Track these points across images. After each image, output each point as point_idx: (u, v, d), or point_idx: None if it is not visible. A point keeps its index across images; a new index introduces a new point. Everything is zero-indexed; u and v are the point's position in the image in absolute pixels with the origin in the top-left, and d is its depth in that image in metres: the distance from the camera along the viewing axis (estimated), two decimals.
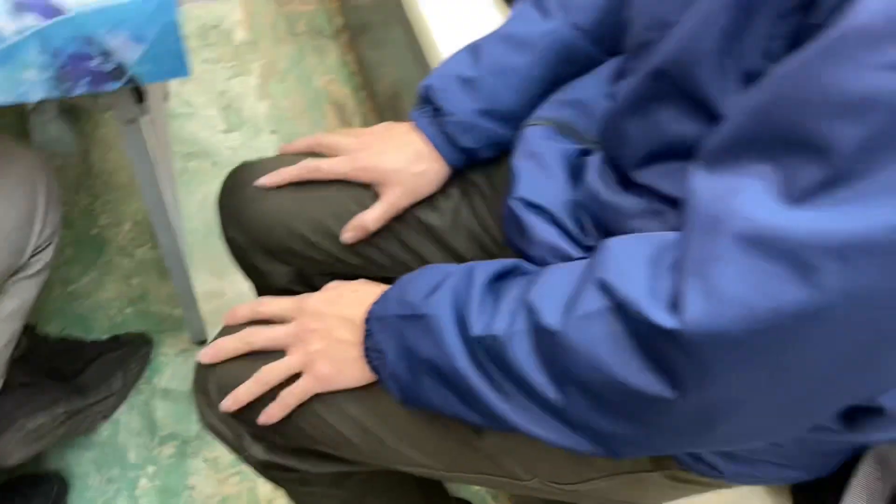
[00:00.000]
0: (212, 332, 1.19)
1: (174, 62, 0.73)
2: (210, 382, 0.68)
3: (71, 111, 1.52)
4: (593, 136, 0.66)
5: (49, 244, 0.95)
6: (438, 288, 0.57)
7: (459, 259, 0.79)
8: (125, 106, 0.82)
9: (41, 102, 1.52)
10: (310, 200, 0.78)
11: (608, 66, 0.70)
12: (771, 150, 0.41)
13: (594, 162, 0.63)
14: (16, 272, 0.91)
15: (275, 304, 0.67)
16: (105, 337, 1.24)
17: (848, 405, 0.47)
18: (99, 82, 0.72)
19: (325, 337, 0.63)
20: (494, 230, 0.76)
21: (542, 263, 0.65)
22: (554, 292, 0.50)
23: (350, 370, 0.62)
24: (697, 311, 0.41)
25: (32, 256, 0.93)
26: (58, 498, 1.10)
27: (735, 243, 0.40)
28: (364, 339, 0.61)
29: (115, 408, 1.20)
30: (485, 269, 0.57)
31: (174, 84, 1.61)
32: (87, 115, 1.54)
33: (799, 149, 0.39)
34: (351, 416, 0.65)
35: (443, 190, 0.78)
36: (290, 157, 0.80)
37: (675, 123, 0.52)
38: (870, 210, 0.36)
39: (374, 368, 0.61)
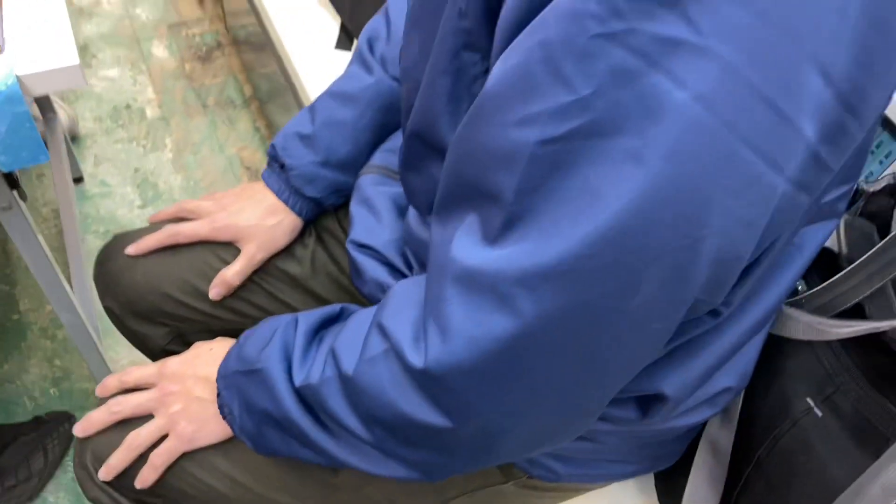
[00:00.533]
0: None
1: (31, 149, 0.78)
2: (86, 455, 0.70)
3: None
4: None
5: None
6: (270, 342, 0.60)
7: (323, 302, 0.84)
8: None
9: None
10: (176, 263, 0.83)
11: None
12: (469, 200, 0.46)
13: None
14: None
15: (137, 372, 0.70)
16: (28, 419, 1.26)
17: (608, 400, 0.52)
18: None
19: (185, 397, 0.66)
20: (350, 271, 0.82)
21: (373, 299, 0.70)
22: (352, 337, 0.55)
23: (210, 427, 0.66)
24: (436, 350, 0.47)
25: None
26: None
27: (453, 285, 0.46)
28: (217, 397, 0.65)
29: (40, 489, 1.22)
30: (308, 317, 0.61)
31: (89, 165, 1.66)
32: None
33: (483, 198, 0.45)
34: (220, 470, 0.68)
35: (300, 239, 0.84)
36: (159, 224, 0.85)
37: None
38: (537, 244, 0.42)
39: (229, 423, 0.65)
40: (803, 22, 0.36)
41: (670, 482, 0.77)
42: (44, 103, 1.44)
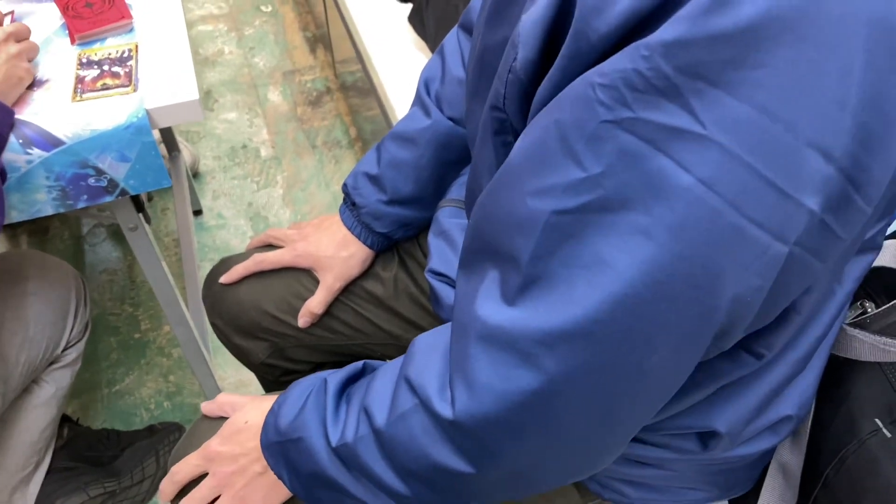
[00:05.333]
0: None
1: (156, 174, 0.89)
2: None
3: (117, 234, 1.73)
4: None
5: (80, 340, 1.10)
6: (303, 408, 0.63)
7: (406, 320, 0.89)
8: (127, 215, 0.98)
9: (92, 228, 1.73)
10: (273, 283, 0.91)
11: None
12: (489, 259, 0.50)
13: None
14: (52, 363, 1.06)
15: (184, 469, 0.71)
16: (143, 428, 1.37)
17: (632, 436, 0.54)
18: (96, 197, 0.88)
19: (244, 475, 0.68)
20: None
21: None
22: (381, 393, 0.58)
23: (276, 492, 0.68)
24: (464, 402, 0.50)
25: (66, 349, 1.07)
26: None
27: (477, 342, 0.49)
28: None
29: (152, 493, 1.32)
30: (335, 377, 0.64)
31: (207, 199, 1.81)
32: None
33: (503, 258, 0.48)
34: None
35: (384, 262, 0.90)
36: (254, 250, 0.94)
37: None
38: (554, 307, 0.45)
39: (287, 487, 0.67)
40: (803, 116, 0.38)
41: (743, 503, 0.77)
42: (170, 142, 1.60)
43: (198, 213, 1.77)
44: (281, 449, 0.64)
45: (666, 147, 0.40)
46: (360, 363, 0.66)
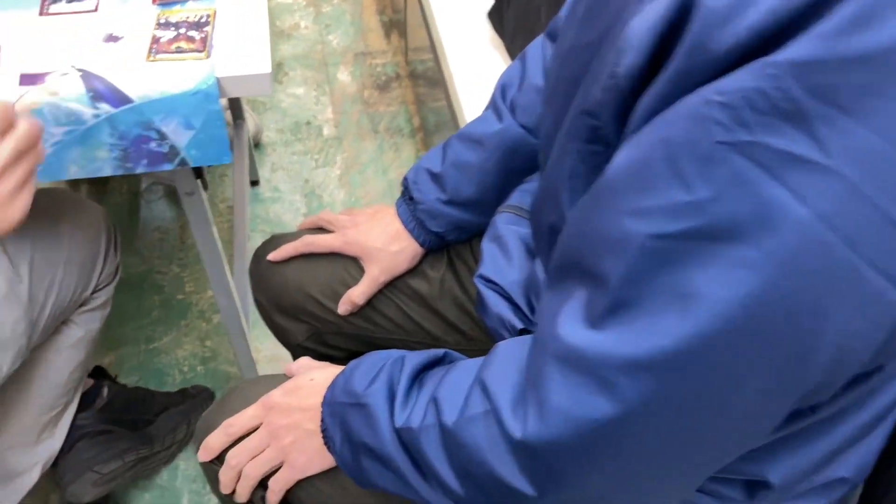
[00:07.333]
0: None
1: (218, 148, 0.88)
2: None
3: (173, 194, 1.74)
4: None
5: (109, 283, 1.09)
6: (377, 378, 0.62)
7: (448, 323, 0.87)
8: (185, 180, 0.98)
9: (150, 185, 1.75)
10: (320, 267, 0.90)
11: None
12: (578, 277, 0.48)
13: None
14: (81, 305, 1.06)
15: (242, 420, 0.71)
16: (174, 390, 1.38)
17: (702, 481, 0.51)
18: (155, 163, 0.88)
19: (295, 430, 0.68)
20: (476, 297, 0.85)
21: (494, 333, 0.72)
22: (455, 390, 0.56)
23: (322, 456, 0.68)
24: (534, 423, 0.48)
25: (95, 292, 1.07)
26: None
27: (555, 362, 0.47)
28: (321, 426, 0.67)
29: (175, 455, 1.33)
30: (413, 358, 0.63)
31: (266, 171, 1.81)
32: None
33: (591, 278, 0.46)
34: (338, 482, 0.70)
35: (432, 261, 0.89)
36: (305, 230, 0.93)
37: None
38: (641, 335, 0.42)
39: (331, 453, 0.66)
40: None
41: None
42: (236, 110, 1.60)
43: (255, 183, 1.78)
44: (342, 410, 0.63)
45: (783, 175, 0.37)
46: (441, 350, 0.65)
